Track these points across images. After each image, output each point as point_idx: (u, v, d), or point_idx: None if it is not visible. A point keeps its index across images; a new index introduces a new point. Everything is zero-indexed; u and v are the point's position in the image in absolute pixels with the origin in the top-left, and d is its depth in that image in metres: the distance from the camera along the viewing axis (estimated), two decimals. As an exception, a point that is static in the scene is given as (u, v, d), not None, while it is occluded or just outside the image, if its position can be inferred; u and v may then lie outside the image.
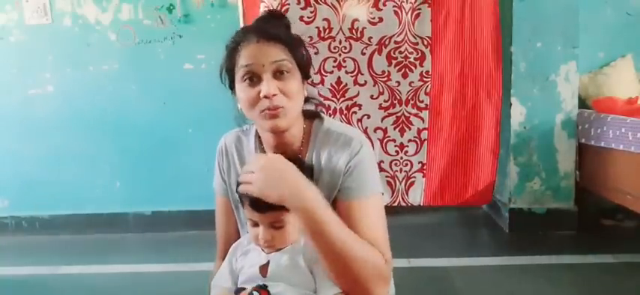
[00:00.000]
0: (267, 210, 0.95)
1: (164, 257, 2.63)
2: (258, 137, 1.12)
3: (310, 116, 1.12)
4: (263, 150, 1.10)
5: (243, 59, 1.00)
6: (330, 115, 2.32)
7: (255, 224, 0.99)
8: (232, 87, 1.06)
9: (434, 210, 2.52)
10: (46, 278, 2.43)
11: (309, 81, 1.09)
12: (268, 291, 0.94)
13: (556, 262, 2.32)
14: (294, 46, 1.02)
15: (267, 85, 0.96)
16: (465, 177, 2.50)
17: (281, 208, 0.94)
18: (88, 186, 3.04)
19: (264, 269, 0.98)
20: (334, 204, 1.03)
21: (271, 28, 1.02)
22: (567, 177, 2.67)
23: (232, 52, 1.03)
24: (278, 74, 0.98)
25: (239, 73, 1.01)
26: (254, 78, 0.99)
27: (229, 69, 1.05)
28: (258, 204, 0.95)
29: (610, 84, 2.70)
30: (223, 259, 1.12)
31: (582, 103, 2.69)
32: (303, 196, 0.92)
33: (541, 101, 2.62)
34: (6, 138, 3.03)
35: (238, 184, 0.99)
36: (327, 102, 2.43)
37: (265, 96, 0.96)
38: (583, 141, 2.58)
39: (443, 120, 2.45)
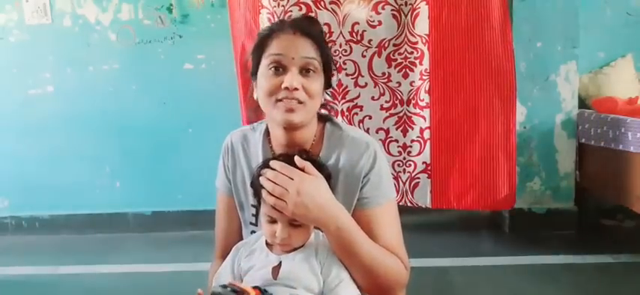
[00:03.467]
0: None
1: (164, 257, 2.62)
2: (266, 135, 1.11)
3: (321, 118, 1.12)
4: (271, 149, 1.10)
5: (274, 47, 1.00)
6: (335, 114, 2.32)
7: (273, 221, 0.97)
8: (254, 73, 1.06)
9: (434, 210, 2.50)
10: (46, 278, 2.43)
11: (329, 90, 1.11)
12: (262, 291, 0.92)
13: (556, 262, 2.32)
14: (325, 48, 1.04)
15: (292, 78, 0.97)
16: (477, 180, 2.35)
17: None
18: (88, 186, 3.04)
19: (275, 270, 0.96)
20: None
21: (306, 24, 1.04)
22: (567, 177, 2.67)
23: (265, 38, 1.03)
24: (304, 71, 1.00)
25: (266, 60, 1.01)
26: (280, 69, 0.99)
27: (257, 55, 1.04)
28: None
29: (610, 84, 2.69)
30: (222, 259, 1.11)
31: (582, 103, 2.69)
32: (336, 219, 0.95)
33: (541, 101, 2.62)
34: (6, 138, 3.03)
35: (252, 183, 1.01)
36: (328, 106, 2.39)
37: (286, 88, 0.97)
38: (583, 141, 2.58)
39: (445, 119, 2.35)
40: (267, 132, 1.12)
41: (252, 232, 1.11)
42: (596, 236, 2.64)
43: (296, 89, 0.97)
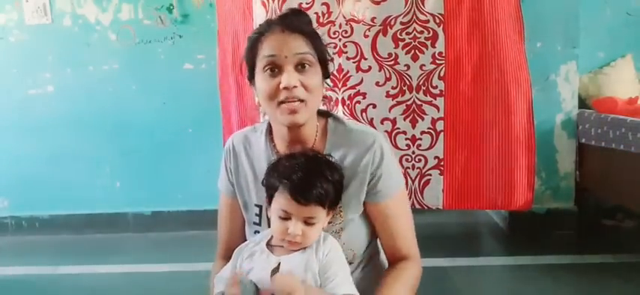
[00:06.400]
0: (309, 203, 0.94)
1: (164, 257, 2.62)
2: (269, 134, 1.12)
3: (323, 114, 1.13)
4: (274, 147, 1.10)
5: (266, 49, 1.00)
6: (332, 107, 2.18)
7: (286, 218, 0.96)
8: (251, 78, 1.06)
9: (433, 209, 2.44)
10: (46, 278, 2.43)
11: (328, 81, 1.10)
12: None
13: (556, 262, 2.32)
14: (317, 40, 1.04)
15: (289, 77, 0.97)
16: (495, 178, 2.17)
17: (320, 203, 0.95)
18: (88, 186, 3.04)
19: (274, 273, 0.96)
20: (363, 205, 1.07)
21: (295, 20, 1.03)
22: (567, 177, 2.66)
23: (255, 42, 1.03)
24: (300, 67, 0.99)
25: (261, 63, 1.01)
26: (275, 69, 0.99)
27: (250, 59, 1.04)
28: (300, 195, 0.94)
29: (610, 84, 2.69)
30: (224, 259, 1.12)
31: (582, 103, 2.69)
32: None
33: (541, 101, 2.60)
34: (6, 138, 3.03)
35: (262, 182, 1.03)
36: (327, 93, 2.12)
37: (285, 88, 0.97)
38: (583, 141, 2.58)
39: (462, 109, 2.13)
40: (269, 131, 1.12)
41: (256, 232, 1.11)
42: (596, 236, 2.64)
43: (295, 87, 0.97)
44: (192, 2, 2.83)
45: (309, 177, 0.95)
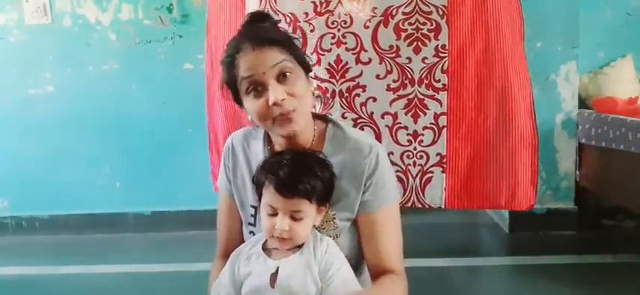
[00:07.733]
0: (293, 196, 0.94)
1: (164, 257, 2.62)
2: (267, 137, 1.11)
3: (319, 118, 1.12)
4: (272, 150, 1.10)
5: (242, 71, 0.97)
6: (328, 99, 2.12)
7: (274, 214, 0.96)
8: (237, 100, 1.04)
9: (434, 208, 2.41)
10: (46, 278, 2.43)
11: (312, 74, 1.08)
12: None
13: (556, 262, 2.31)
14: (289, 43, 1.01)
15: (274, 92, 0.94)
16: (498, 176, 2.10)
17: (306, 196, 0.95)
18: (88, 186, 3.04)
19: (273, 278, 0.95)
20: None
21: (261, 31, 1.00)
22: (567, 177, 2.67)
23: (229, 66, 1.00)
24: (281, 77, 0.97)
25: (242, 86, 0.98)
26: (259, 88, 0.96)
27: (231, 83, 1.02)
28: (285, 188, 0.94)
29: (610, 84, 2.70)
30: (223, 258, 1.12)
31: (582, 103, 2.69)
32: None
33: (541, 101, 2.60)
34: (6, 138, 3.03)
35: (253, 179, 1.03)
36: (324, 85, 2.08)
37: (275, 104, 0.94)
38: (583, 141, 2.58)
39: (465, 104, 2.06)
40: (267, 134, 1.12)
41: (251, 232, 1.11)
42: (596, 236, 2.64)
43: (283, 99, 0.95)
44: (191, 2, 2.83)
45: (294, 172, 0.95)
